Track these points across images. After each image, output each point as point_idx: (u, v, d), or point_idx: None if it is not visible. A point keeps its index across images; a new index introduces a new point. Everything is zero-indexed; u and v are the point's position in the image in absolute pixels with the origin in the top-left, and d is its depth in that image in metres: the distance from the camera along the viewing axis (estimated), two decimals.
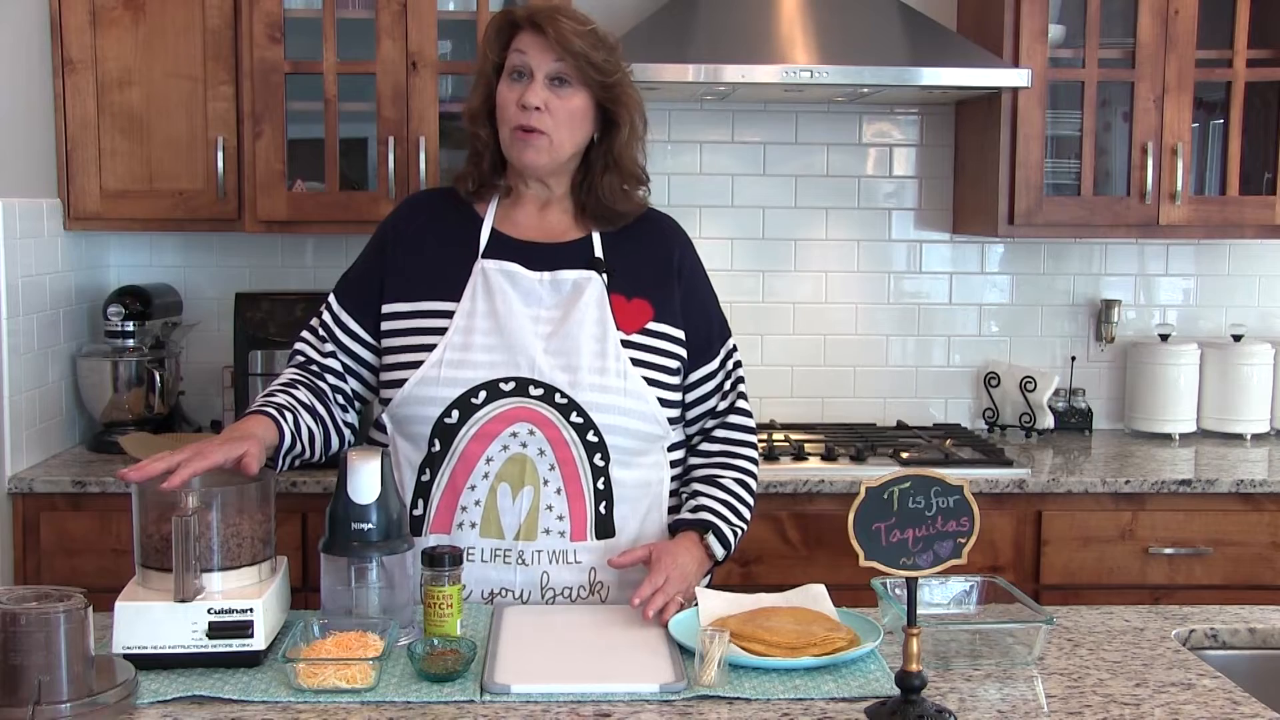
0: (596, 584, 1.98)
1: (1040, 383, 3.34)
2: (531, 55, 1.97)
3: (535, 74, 1.96)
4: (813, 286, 3.52)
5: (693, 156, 3.47)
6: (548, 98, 1.96)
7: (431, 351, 1.95)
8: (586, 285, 1.99)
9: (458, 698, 1.55)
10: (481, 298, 1.98)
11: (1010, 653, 1.71)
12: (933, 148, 3.50)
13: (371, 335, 2.05)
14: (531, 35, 1.97)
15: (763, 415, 3.50)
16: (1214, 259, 3.57)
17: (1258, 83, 3.20)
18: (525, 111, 1.95)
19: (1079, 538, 2.92)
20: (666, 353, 2.02)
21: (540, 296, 1.99)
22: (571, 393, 1.93)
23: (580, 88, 1.98)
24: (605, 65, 1.98)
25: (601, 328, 1.97)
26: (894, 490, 1.49)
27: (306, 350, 2.09)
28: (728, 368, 2.12)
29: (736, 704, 1.54)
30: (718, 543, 1.99)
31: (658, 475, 2.04)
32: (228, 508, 1.66)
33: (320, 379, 2.06)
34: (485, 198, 2.08)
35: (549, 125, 1.97)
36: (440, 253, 2.04)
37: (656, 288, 2.05)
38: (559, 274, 2.00)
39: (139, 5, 3.01)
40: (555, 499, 1.94)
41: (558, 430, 1.93)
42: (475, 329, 1.96)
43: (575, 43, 1.94)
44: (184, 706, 1.52)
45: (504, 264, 2.00)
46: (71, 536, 2.81)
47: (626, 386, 1.95)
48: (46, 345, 3.00)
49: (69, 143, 3.03)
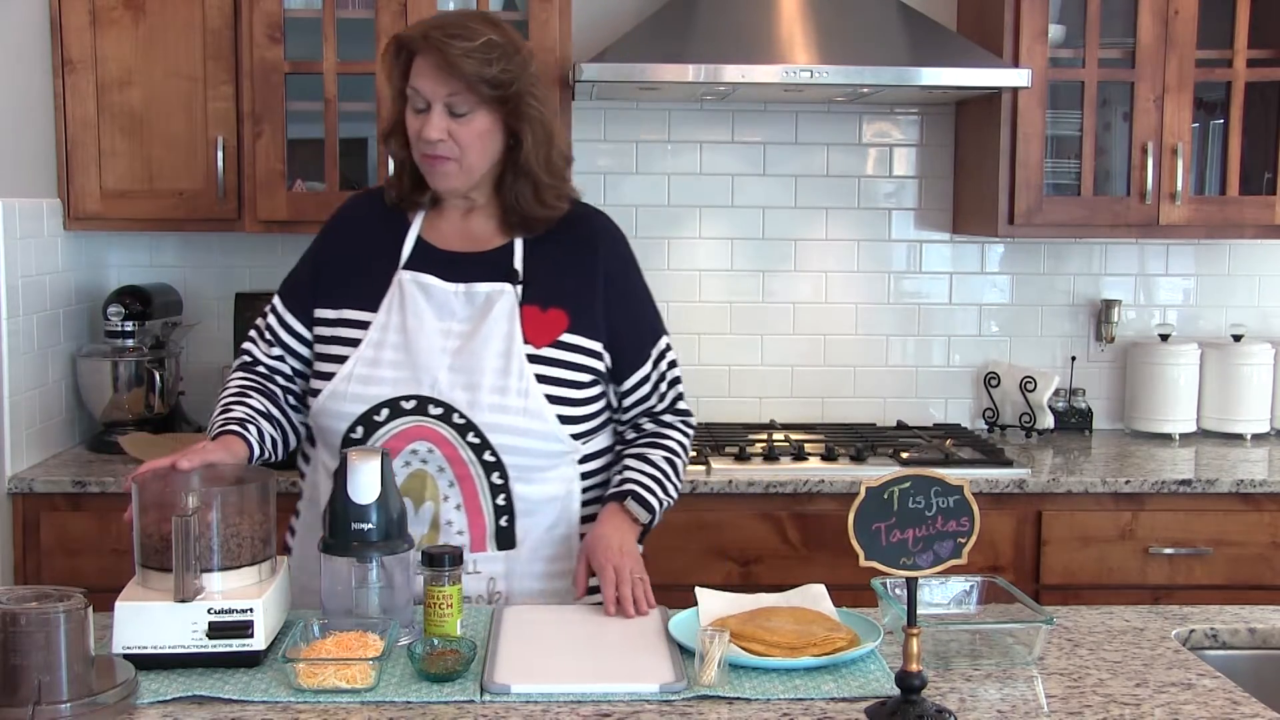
0: (495, 594, 1.98)
1: (1040, 383, 3.34)
2: (423, 85, 1.91)
3: (432, 104, 1.92)
4: (813, 286, 3.52)
5: (693, 156, 3.47)
6: (448, 125, 1.91)
7: (344, 364, 1.97)
8: (499, 298, 1.98)
9: (458, 698, 1.55)
10: (397, 310, 1.98)
11: (1010, 653, 1.71)
12: (933, 148, 3.50)
13: (311, 335, 2.06)
14: (422, 61, 1.91)
15: (763, 415, 3.50)
16: (1214, 259, 3.57)
17: (1258, 83, 3.20)
18: (429, 143, 1.93)
19: (1079, 538, 2.92)
20: (579, 366, 2.00)
21: (453, 309, 1.98)
22: (469, 413, 1.93)
23: (479, 108, 1.92)
24: (501, 78, 1.90)
25: (508, 343, 1.95)
26: (894, 490, 1.49)
27: (254, 351, 2.10)
28: (661, 368, 2.10)
29: (736, 704, 1.54)
30: (638, 505, 1.99)
31: (565, 489, 2.02)
32: (228, 508, 1.66)
33: (270, 381, 2.07)
34: (414, 207, 2.06)
35: (455, 151, 1.94)
36: (367, 261, 2.04)
37: (576, 297, 2.02)
38: (474, 286, 1.99)
39: (139, 5, 3.01)
40: (455, 514, 1.96)
41: (455, 449, 1.93)
42: (386, 344, 1.96)
43: (464, 65, 1.88)
44: (184, 706, 1.52)
45: (421, 276, 1.99)
46: (71, 536, 2.81)
47: (526, 406, 1.94)
48: (46, 345, 3.00)
49: (69, 143, 3.03)
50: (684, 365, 3.64)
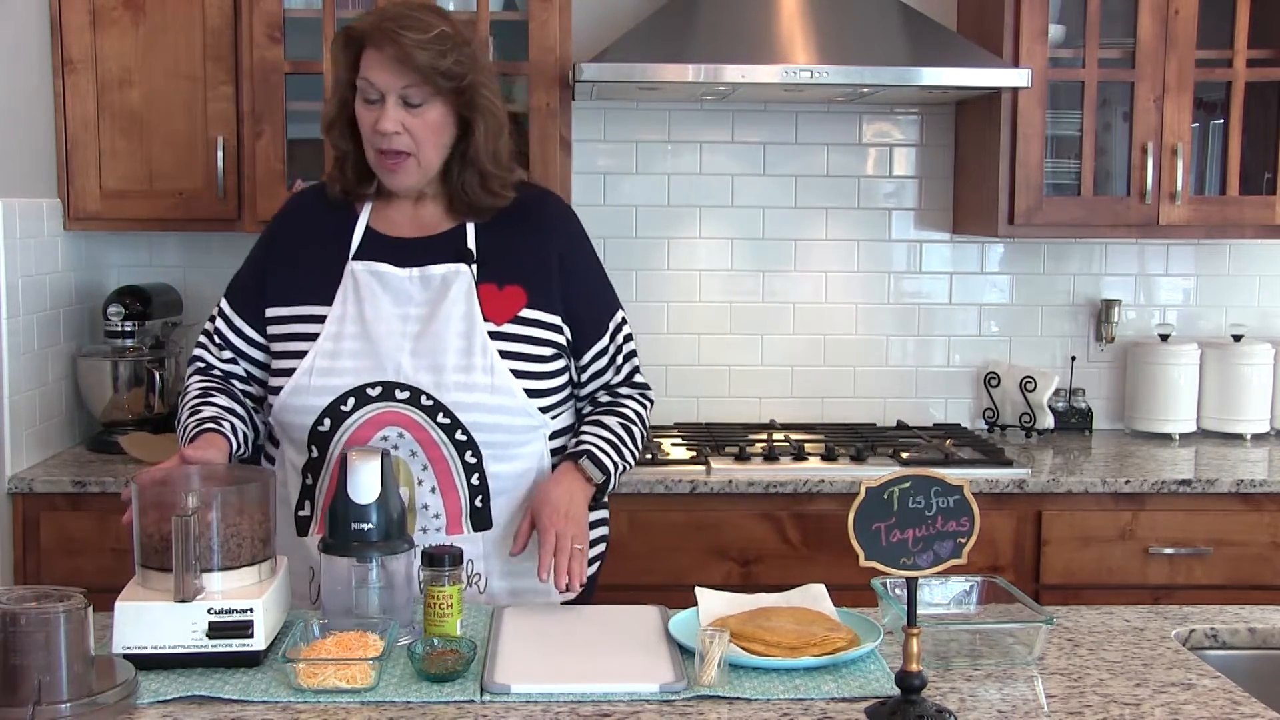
0: (475, 575, 1.99)
1: (1040, 383, 3.34)
2: (378, 77, 1.91)
3: (385, 96, 1.91)
4: (813, 286, 3.52)
5: (693, 156, 3.47)
6: (403, 118, 1.92)
7: (303, 359, 1.96)
8: (455, 279, 1.98)
9: (458, 698, 1.55)
10: (352, 301, 1.98)
11: (1010, 653, 1.71)
12: (933, 148, 3.50)
13: (263, 338, 2.06)
14: (376, 53, 1.91)
15: (763, 415, 3.50)
16: (1214, 259, 3.57)
17: (1258, 83, 3.19)
18: (385, 137, 1.92)
19: (1079, 538, 2.92)
20: (541, 340, 2.01)
21: (410, 294, 1.98)
22: (437, 394, 1.93)
23: (434, 99, 1.93)
24: (454, 70, 1.91)
25: (468, 323, 1.96)
26: (894, 490, 1.49)
27: (206, 357, 2.10)
28: (618, 341, 2.11)
29: (736, 704, 1.54)
30: (592, 464, 1.99)
31: (537, 465, 2.04)
32: (228, 508, 1.66)
33: (228, 383, 2.08)
34: (360, 198, 2.06)
35: (411, 145, 1.94)
36: (316, 255, 2.03)
37: (532, 272, 2.02)
38: (428, 269, 1.99)
39: (139, 5, 3.01)
40: (430, 498, 1.96)
41: (426, 432, 1.94)
42: (345, 334, 1.96)
43: (418, 57, 1.88)
44: (184, 706, 1.52)
45: (373, 264, 1.99)
46: (71, 536, 2.81)
47: (493, 383, 1.95)
48: (46, 345, 2.99)
49: (69, 143, 3.03)
50: (684, 365, 3.65)
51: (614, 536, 2.85)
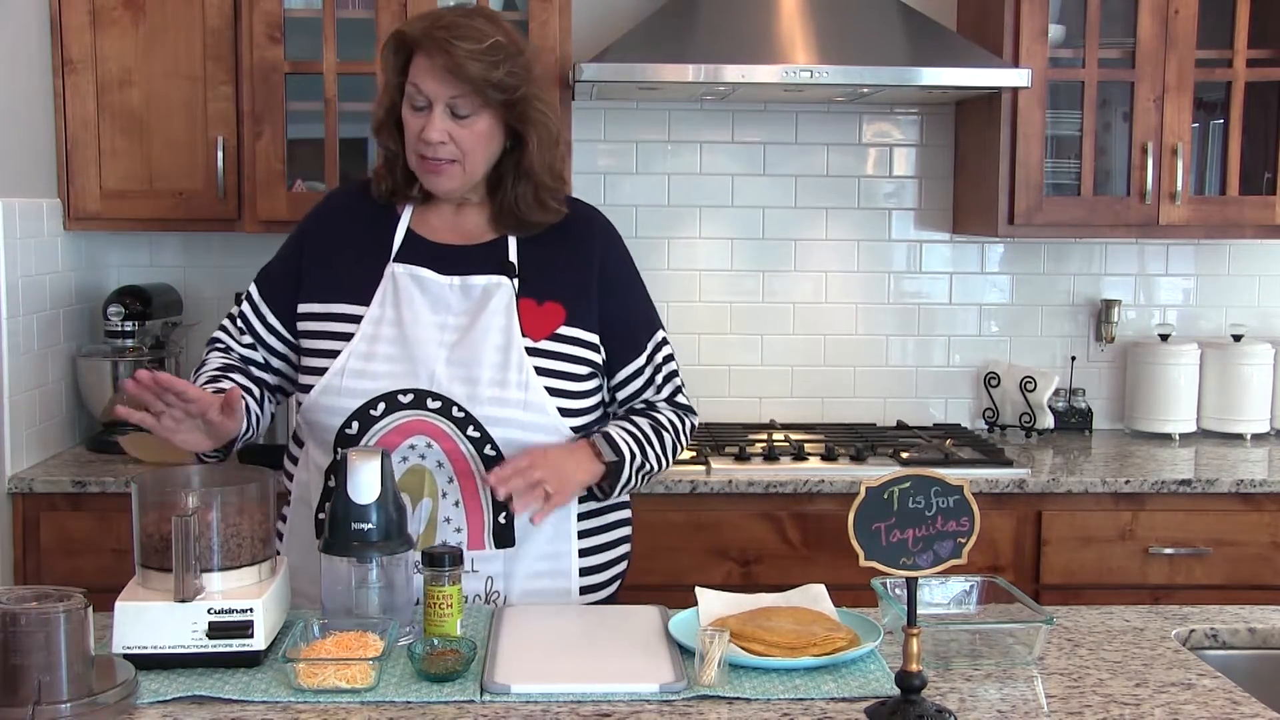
0: (493, 593, 1.97)
1: (1040, 383, 3.34)
2: (426, 85, 1.88)
3: (434, 104, 1.88)
4: (813, 286, 3.52)
5: (693, 156, 3.47)
6: (450, 128, 1.88)
7: (336, 359, 1.93)
8: (496, 291, 1.96)
9: (458, 698, 1.55)
10: (390, 304, 1.95)
11: (1010, 653, 1.71)
12: (933, 148, 3.50)
13: (290, 332, 2.03)
14: (426, 60, 1.87)
15: (763, 415, 3.50)
16: (1214, 259, 3.57)
17: (1258, 83, 3.20)
18: (429, 145, 1.90)
19: (1079, 538, 2.92)
20: (577, 359, 1.98)
21: (449, 303, 1.96)
22: (469, 406, 1.90)
23: (483, 110, 1.89)
24: (507, 82, 1.88)
25: (506, 336, 1.93)
26: (894, 490, 1.49)
27: (226, 340, 2.07)
28: (656, 361, 2.08)
29: (736, 704, 1.54)
30: (605, 443, 1.94)
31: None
32: (228, 508, 1.66)
33: (245, 366, 2.05)
34: (404, 200, 2.03)
35: (457, 153, 1.91)
36: (355, 254, 2.01)
37: (572, 290, 2.00)
38: (469, 279, 1.97)
39: (139, 5, 3.01)
40: (453, 511, 1.93)
41: (454, 444, 1.91)
42: (380, 337, 1.93)
43: (470, 68, 1.84)
44: (184, 706, 1.52)
45: (414, 269, 1.97)
46: (71, 536, 2.81)
47: (527, 399, 1.92)
48: (46, 345, 3.00)
49: (69, 143, 3.03)
50: (684, 365, 3.64)
51: None
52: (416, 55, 1.90)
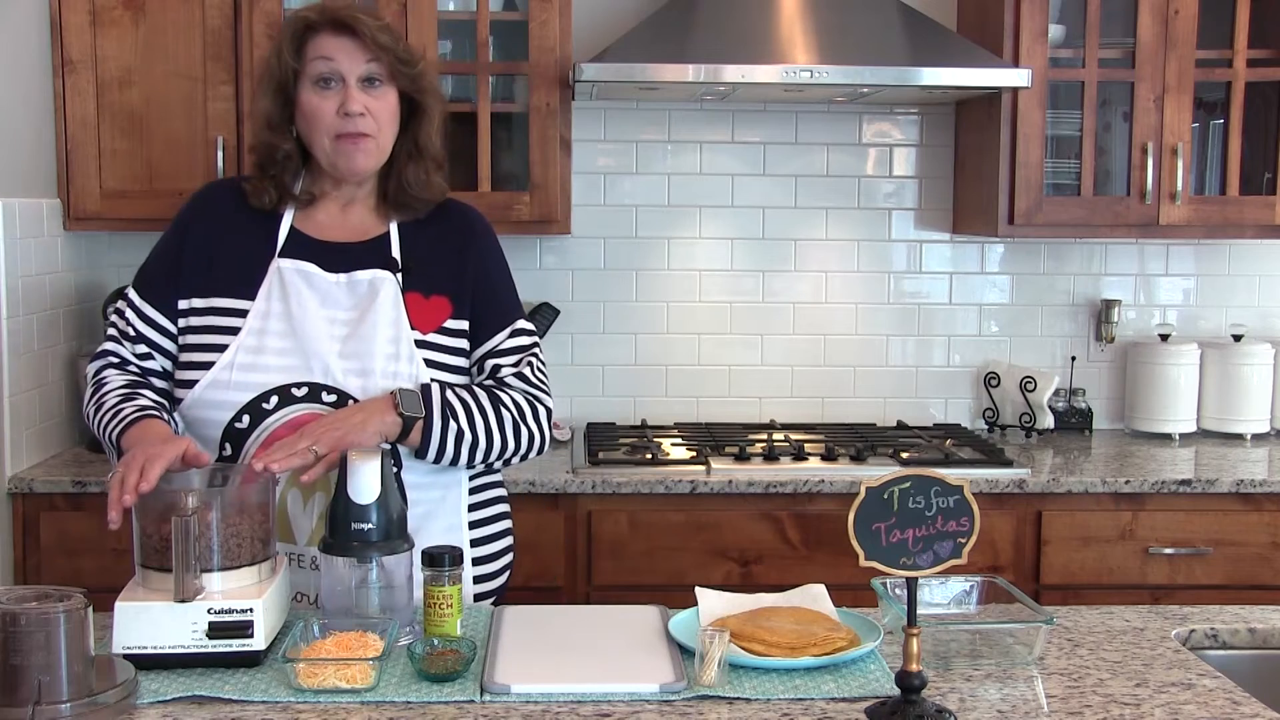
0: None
1: (1040, 383, 3.34)
2: (340, 60, 1.93)
3: (348, 78, 1.93)
4: (813, 286, 3.52)
5: (693, 156, 3.47)
6: (366, 101, 1.93)
7: (223, 353, 1.92)
8: (382, 285, 1.97)
9: (458, 698, 1.55)
10: (277, 298, 1.95)
11: (1010, 653, 1.71)
12: (933, 148, 3.50)
13: (176, 329, 2.00)
14: (336, 38, 1.93)
15: (763, 415, 3.50)
16: (1214, 259, 3.57)
17: (1258, 83, 3.20)
18: (350, 119, 1.92)
19: (1079, 538, 2.92)
20: (461, 351, 2.01)
21: (337, 298, 1.96)
22: (363, 399, 1.89)
23: (390, 85, 1.96)
24: (410, 57, 1.97)
25: (396, 329, 1.95)
26: (894, 490, 1.49)
27: (120, 352, 2.01)
28: (518, 340, 2.03)
29: (736, 704, 1.54)
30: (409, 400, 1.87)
31: (455, 477, 2.00)
32: (228, 508, 1.66)
33: (147, 379, 1.99)
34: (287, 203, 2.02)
35: (374, 128, 1.95)
36: (237, 248, 1.99)
37: (452, 282, 2.02)
38: (355, 275, 1.97)
39: (139, 5, 3.01)
40: None
41: None
42: (269, 330, 1.93)
43: (383, 38, 1.93)
44: (184, 706, 1.52)
45: (301, 264, 1.97)
46: (71, 536, 2.81)
47: None
48: (46, 345, 2.99)
49: (69, 143, 3.03)
50: (685, 365, 3.65)
51: (614, 536, 2.87)
52: (321, 35, 1.94)
